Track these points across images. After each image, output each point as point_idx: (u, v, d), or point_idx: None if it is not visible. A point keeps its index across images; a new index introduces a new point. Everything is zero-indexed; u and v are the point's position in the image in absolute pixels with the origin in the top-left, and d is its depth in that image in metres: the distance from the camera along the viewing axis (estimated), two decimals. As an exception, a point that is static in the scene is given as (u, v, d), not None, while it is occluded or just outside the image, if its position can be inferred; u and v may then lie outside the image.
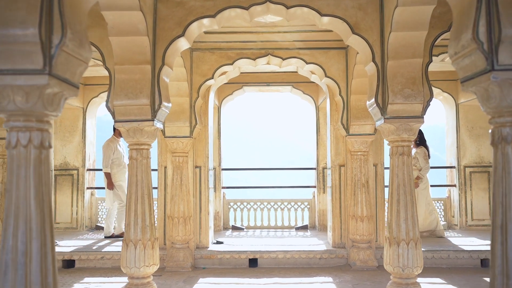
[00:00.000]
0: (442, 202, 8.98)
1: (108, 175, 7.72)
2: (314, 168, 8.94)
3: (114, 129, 7.75)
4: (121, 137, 7.77)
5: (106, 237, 7.69)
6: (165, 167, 6.79)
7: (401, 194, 4.38)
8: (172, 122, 6.51)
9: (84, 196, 8.74)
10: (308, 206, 9.09)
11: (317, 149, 8.82)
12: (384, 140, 5.06)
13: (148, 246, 4.43)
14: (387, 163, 7.00)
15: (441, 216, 8.93)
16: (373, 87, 4.56)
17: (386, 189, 6.92)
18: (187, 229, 6.52)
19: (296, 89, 8.76)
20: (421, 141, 7.84)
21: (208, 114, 6.97)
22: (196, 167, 6.83)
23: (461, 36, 2.40)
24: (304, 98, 9.06)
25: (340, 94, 6.58)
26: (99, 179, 9.39)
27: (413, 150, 7.84)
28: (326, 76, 6.60)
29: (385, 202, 7.09)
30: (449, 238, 7.66)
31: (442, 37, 4.57)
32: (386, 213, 6.89)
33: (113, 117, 4.52)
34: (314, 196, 9.05)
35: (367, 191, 6.52)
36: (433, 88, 4.94)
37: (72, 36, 2.34)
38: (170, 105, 4.76)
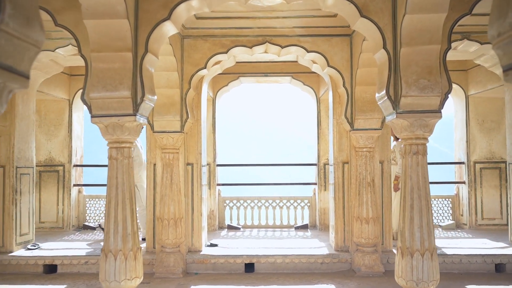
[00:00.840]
0: (450, 199, 8.49)
1: None
2: (315, 164, 8.44)
3: None
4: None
5: None
6: (155, 165, 6.27)
7: (415, 198, 3.89)
8: (161, 115, 5.99)
9: (70, 194, 8.24)
10: (309, 204, 8.59)
11: (318, 143, 8.31)
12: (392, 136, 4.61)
13: (130, 257, 3.94)
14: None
15: (449, 214, 8.45)
16: (383, 78, 4.04)
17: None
18: (178, 231, 6.03)
19: (296, 80, 8.23)
20: None
21: (201, 107, 6.44)
22: (188, 164, 6.32)
23: (510, 12, 1.88)
24: (304, 90, 8.53)
25: (344, 85, 6.05)
26: (87, 176, 8.90)
27: (392, 143, 7.36)
28: (328, 65, 6.07)
29: (392, 202, 6.61)
30: (459, 240, 7.19)
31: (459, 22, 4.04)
32: (392, 215, 6.42)
33: (90, 112, 4.00)
34: (314, 194, 8.56)
35: (373, 190, 6.02)
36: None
37: (13, 12, 1.80)
38: (155, 97, 4.24)
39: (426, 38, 3.81)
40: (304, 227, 8.40)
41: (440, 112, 3.91)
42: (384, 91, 3.95)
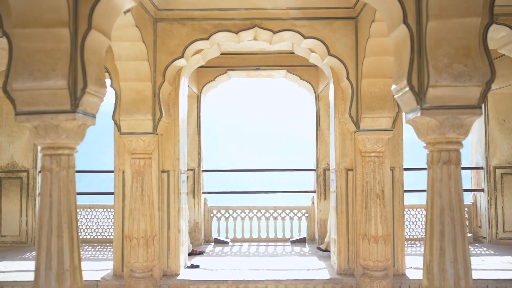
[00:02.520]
0: (466, 209, 7.50)
1: None
2: (313, 170, 7.45)
3: None
4: None
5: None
6: (123, 172, 5.29)
7: (446, 223, 2.92)
8: (129, 114, 5.01)
9: (35, 204, 7.23)
10: (306, 215, 7.61)
11: (317, 146, 7.32)
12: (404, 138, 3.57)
13: (67, 302, 2.95)
14: (406, 164, 5.56)
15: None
16: (403, 63, 3.06)
17: (406, 199, 5.48)
18: (150, 252, 5.05)
19: (292, 74, 7.25)
20: None
21: (179, 104, 5.45)
22: (163, 171, 5.33)
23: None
24: (301, 85, 7.55)
25: (347, 78, 5.08)
26: (57, 182, 7.89)
27: None
28: (329, 54, 5.11)
29: (405, 216, 5.64)
30: (479, 258, 6.21)
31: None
32: (406, 232, 5.44)
33: (14, 108, 3.02)
34: (313, 203, 7.58)
35: (383, 203, 5.05)
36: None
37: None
38: (104, 90, 3.22)
39: (461, 9, 2.83)
40: (302, 240, 7.42)
41: (480, 107, 2.93)
42: (405, 81, 2.96)
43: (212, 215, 7.61)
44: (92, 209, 7.60)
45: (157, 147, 5.23)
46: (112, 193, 5.47)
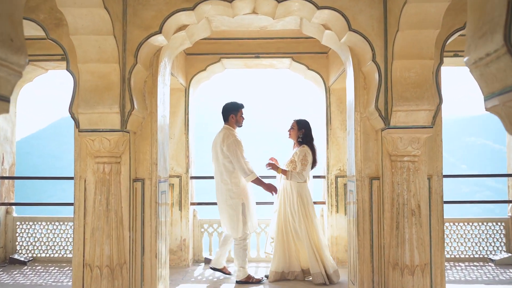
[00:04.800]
0: (502, 224, 6.35)
1: (258, 181, 5.09)
2: (323, 177, 6.29)
3: (227, 115, 5.18)
4: (239, 126, 5.21)
5: (213, 268, 5.44)
6: (85, 180, 4.12)
7: None
8: (90, 106, 3.85)
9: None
10: (314, 230, 6.43)
11: (327, 149, 6.15)
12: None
13: None
14: (446, 170, 4.41)
15: (502, 244, 6.31)
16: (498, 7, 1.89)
17: (445, 215, 4.32)
18: (116, 285, 3.89)
19: (298, 63, 6.09)
20: (306, 137, 5.25)
21: (158, 94, 4.29)
22: (136, 180, 4.17)
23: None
24: (308, 77, 6.41)
25: (373, 60, 3.94)
26: (21, 191, 6.74)
27: (293, 151, 5.35)
28: (350, 29, 3.96)
29: (445, 239, 4.48)
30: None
31: None
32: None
33: None
34: (322, 216, 6.41)
35: (419, 221, 3.90)
36: None
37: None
38: (18, 58, 2.06)
39: None
40: (309, 261, 6.23)
41: None
42: (501, 36, 1.80)
43: (202, 230, 6.44)
44: (61, 223, 6.43)
45: (127, 149, 4.07)
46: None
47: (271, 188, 5.18)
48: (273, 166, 5.28)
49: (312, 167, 5.25)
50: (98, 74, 3.85)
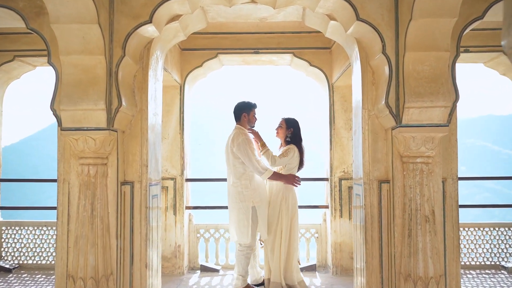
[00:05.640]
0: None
1: (276, 176, 4.71)
2: (326, 179, 5.95)
3: (240, 114, 4.85)
4: (252, 126, 4.88)
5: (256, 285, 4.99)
6: (69, 184, 3.78)
7: None
8: (73, 102, 3.52)
9: (-26, 222, 5.73)
10: (316, 236, 6.10)
11: (330, 150, 5.82)
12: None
13: None
14: (461, 172, 4.08)
15: (515, 250, 5.98)
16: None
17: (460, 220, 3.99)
18: (102, 299, 3.55)
19: (299, 59, 5.76)
20: (294, 137, 4.91)
21: (149, 90, 3.95)
22: (124, 183, 3.83)
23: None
24: (310, 74, 6.08)
25: (383, 52, 3.60)
26: (7, 194, 6.41)
27: (279, 150, 4.97)
28: (358, 19, 3.63)
29: (460, 247, 4.15)
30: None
31: None
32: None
33: None
34: (325, 221, 6.08)
35: (433, 229, 3.57)
36: None
37: None
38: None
39: None
40: (310, 268, 5.90)
41: None
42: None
43: (198, 235, 6.10)
44: (49, 228, 6.09)
45: (115, 149, 3.73)
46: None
47: (292, 180, 4.78)
48: (256, 135, 4.86)
49: (298, 169, 4.89)
50: (82, 67, 3.52)
